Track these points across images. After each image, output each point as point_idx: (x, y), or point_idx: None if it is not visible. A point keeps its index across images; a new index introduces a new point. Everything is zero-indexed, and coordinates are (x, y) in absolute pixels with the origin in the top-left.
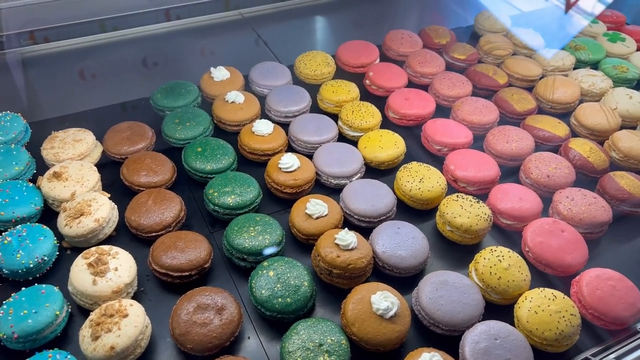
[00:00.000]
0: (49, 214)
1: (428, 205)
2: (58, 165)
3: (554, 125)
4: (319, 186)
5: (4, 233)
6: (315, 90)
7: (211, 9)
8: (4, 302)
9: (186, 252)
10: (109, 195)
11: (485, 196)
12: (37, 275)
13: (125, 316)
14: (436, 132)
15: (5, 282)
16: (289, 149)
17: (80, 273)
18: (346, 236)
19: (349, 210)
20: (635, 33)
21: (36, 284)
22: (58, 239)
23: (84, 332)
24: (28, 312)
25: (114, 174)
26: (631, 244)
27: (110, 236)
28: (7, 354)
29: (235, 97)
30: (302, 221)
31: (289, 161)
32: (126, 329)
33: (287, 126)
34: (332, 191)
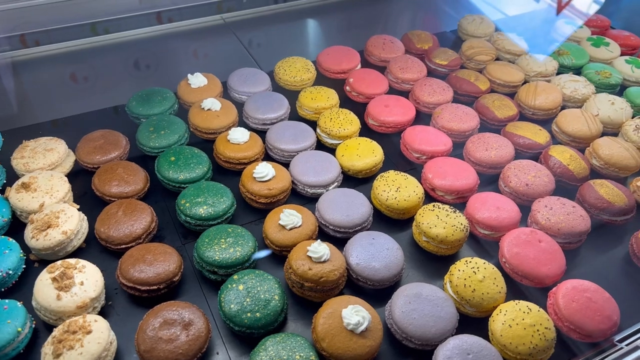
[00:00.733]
0: (18, 226)
1: (405, 214)
2: (27, 176)
3: (534, 132)
4: (296, 195)
5: None
6: (295, 97)
7: (200, 12)
8: None
9: (154, 265)
10: (78, 207)
11: (464, 205)
12: (2, 290)
13: (89, 332)
14: (415, 140)
15: None
16: (266, 157)
17: (44, 288)
18: (318, 248)
19: (324, 221)
20: (620, 37)
21: None
22: (25, 252)
23: (46, 350)
24: None
25: (86, 183)
26: (609, 254)
27: (80, 248)
28: None
29: (211, 104)
30: (276, 232)
31: (263, 170)
32: (89, 346)
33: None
34: (309, 200)
